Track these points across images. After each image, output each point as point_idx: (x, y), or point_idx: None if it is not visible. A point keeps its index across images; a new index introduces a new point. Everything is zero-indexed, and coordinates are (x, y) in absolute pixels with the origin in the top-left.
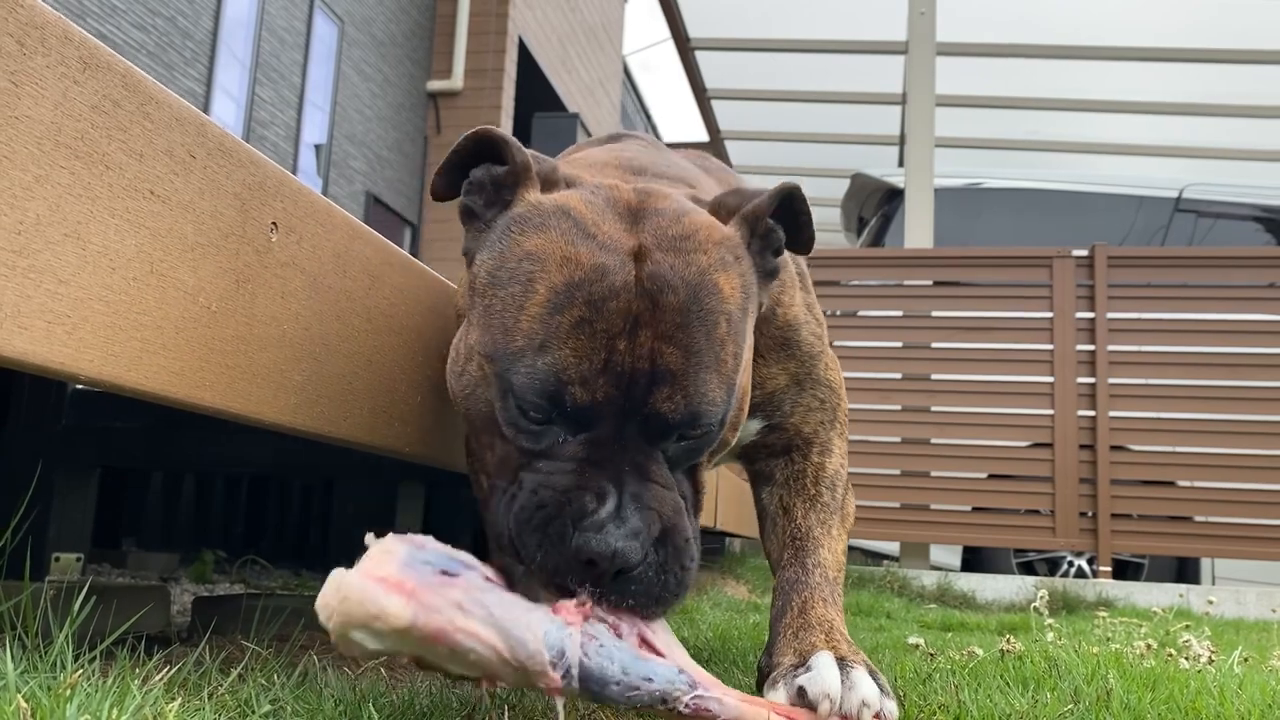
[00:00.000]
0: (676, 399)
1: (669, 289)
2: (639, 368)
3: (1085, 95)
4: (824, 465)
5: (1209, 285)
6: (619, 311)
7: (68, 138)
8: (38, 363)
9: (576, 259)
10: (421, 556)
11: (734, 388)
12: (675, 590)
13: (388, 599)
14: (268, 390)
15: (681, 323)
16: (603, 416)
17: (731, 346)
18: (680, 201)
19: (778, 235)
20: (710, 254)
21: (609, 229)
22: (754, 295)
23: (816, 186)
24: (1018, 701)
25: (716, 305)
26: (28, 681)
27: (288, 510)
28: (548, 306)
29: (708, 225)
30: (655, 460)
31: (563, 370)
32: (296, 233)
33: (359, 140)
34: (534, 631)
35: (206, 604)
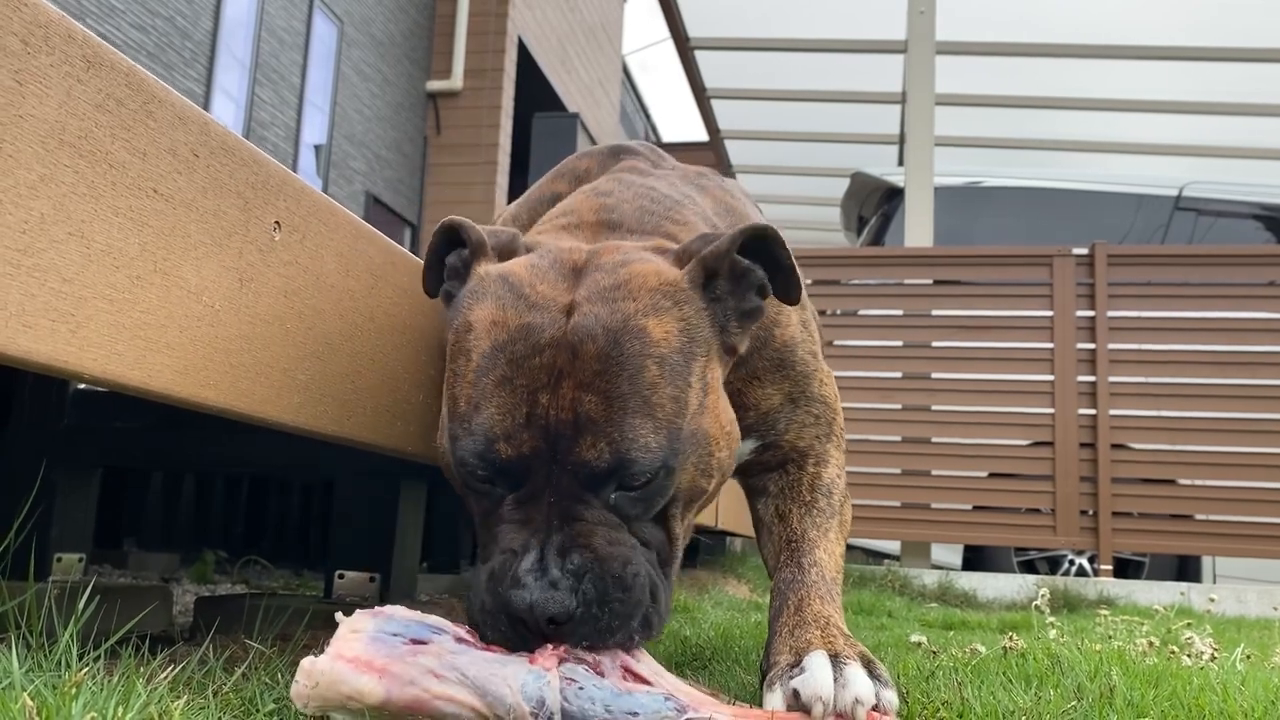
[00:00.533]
0: (600, 446)
1: (589, 338)
2: (562, 418)
3: (1085, 94)
4: (820, 474)
5: (1209, 283)
6: (542, 367)
7: (72, 136)
8: (42, 361)
9: (504, 322)
10: (389, 628)
11: (677, 432)
12: (623, 619)
13: (358, 679)
14: (271, 389)
15: (601, 370)
16: (532, 471)
17: (668, 389)
18: (628, 255)
19: (754, 275)
20: (640, 300)
21: (544, 289)
22: (703, 337)
23: (816, 185)
24: (1021, 698)
25: (641, 349)
26: (33, 680)
27: (288, 510)
28: (478, 370)
29: (645, 273)
30: (590, 506)
31: (490, 429)
32: (299, 232)
33: (359, 140)
34: (511, 685)
35: (209, 604)
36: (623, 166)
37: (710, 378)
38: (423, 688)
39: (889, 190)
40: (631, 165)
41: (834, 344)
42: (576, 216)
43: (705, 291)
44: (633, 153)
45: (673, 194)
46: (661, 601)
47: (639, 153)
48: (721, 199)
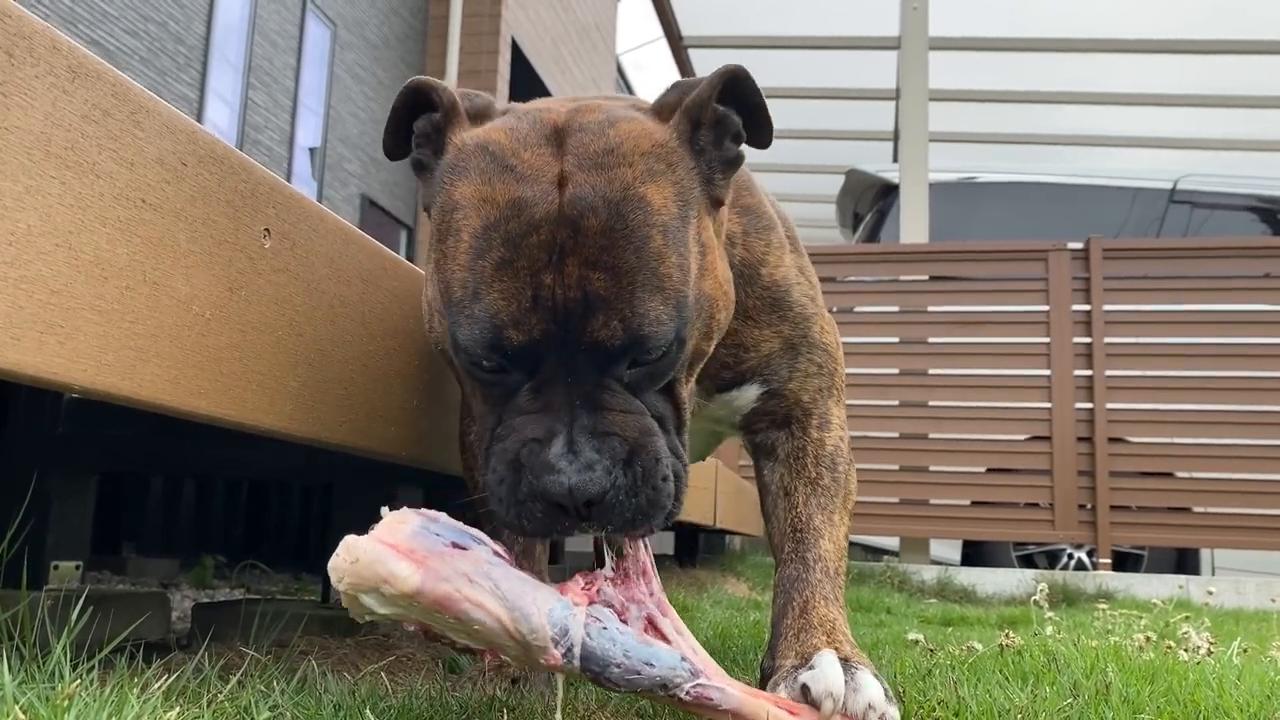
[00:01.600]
0: (613, 325)
1: (591, 212)
2: (570, 298)
3: (1079, 88)
4: (824, 441)
5: (1204, 276)
6: (541, 245)
7: (58, 147)
8: (31, 373)
9: (493, 198)
10: (433, 528)
11: (684, 300)
12: (650, 510)
13: (397, 564)
14: (263, 396)
15: (607, 245)
16: (545, 355)
17: (674, 258)
18: (611, 111)
19: (731, 120)
20: (636, 166)
21: (530, 157)
22: (695, 197)
23: (811, 183)
24: (1017, 696)
25: (645, 219)
26: (25, 692)
27: (287, 514)
28: (472, 253)
29: (636, 134)
30: (609, 389)
31: (494, 315)
32: (289, 238)
33: (353, 143)
34: (539, 607)
35: (206, 610)
36: None
37: (705, 237)
38: (455, 587)
39: (884, 187)
40: None
41: None
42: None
43: (690, 144)
44: None
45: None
46: (682, 492)
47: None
48: None
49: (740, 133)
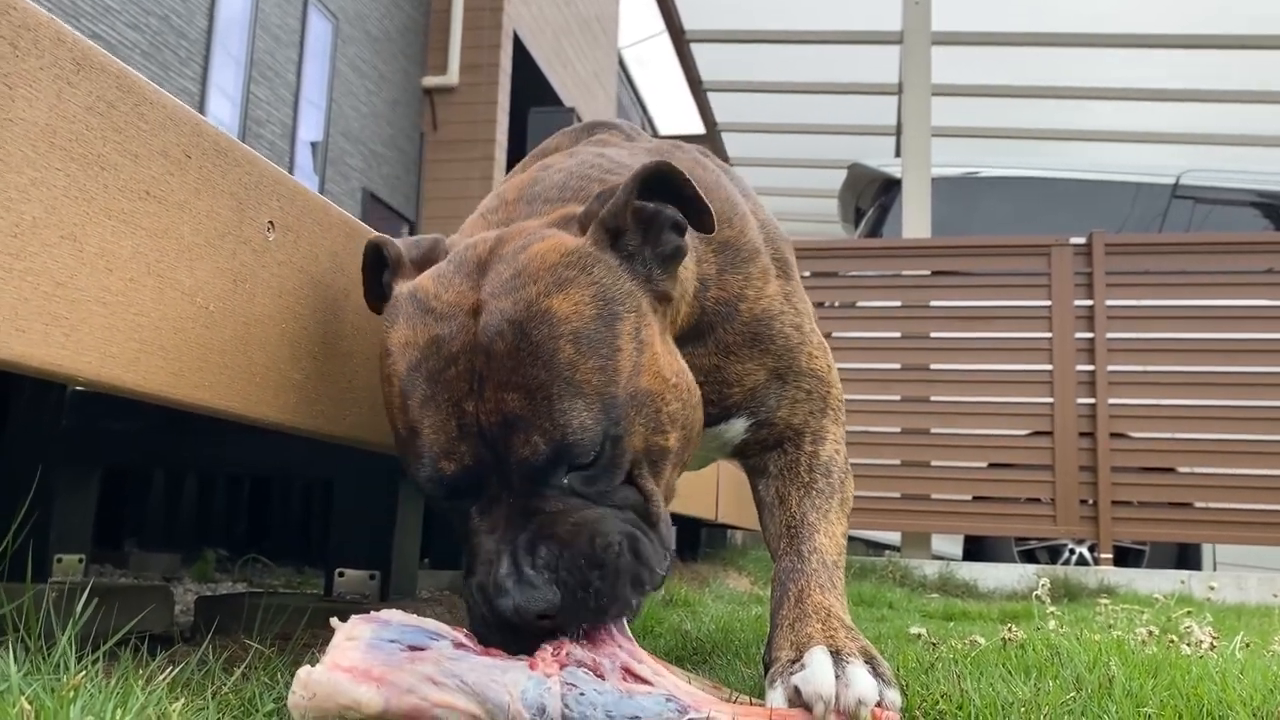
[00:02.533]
0: (534, 440)
1: (498, 336)
2: (492, 422)
3: (1081, 83)
4: (817, 453)
5: (1207, 271)
6: (460, 375)
7: (63, 140)
8: (36, 365)
9: (415, 340)
10: (386, 634)
11: (612, 401)
12: (610, 599)
13: (356, 689)
14: (267, 390)
15: (515, 365)
16: (483, 478)
17: (593, 362)
18: (529, 236)
19: (664, 214)
20: (541, 281)
21: (450, 296)
22: (623, 294)
23: (813, 177)
24: (1020, 690)
25: (550, 331)
26: (31, 683)
27: (289, 508)
28: (402, 395)
29: (544, 251)
30: (545, 498)
31: (428, 449)
32: (293, 231)
33: (355, 137)
34: (511, 692)
35: (209, 603)
36: (592, 141)
37: (644, 334)
38: (421, 696)
39: (886, 181)
40: (601, 139)
41: (832, 336)
42: (500, 198)
43: (616, 249)
44: (608, 127)
45: (624, 160)
46: (650, 557)
47: (616, 127)
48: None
49: (679, 223)
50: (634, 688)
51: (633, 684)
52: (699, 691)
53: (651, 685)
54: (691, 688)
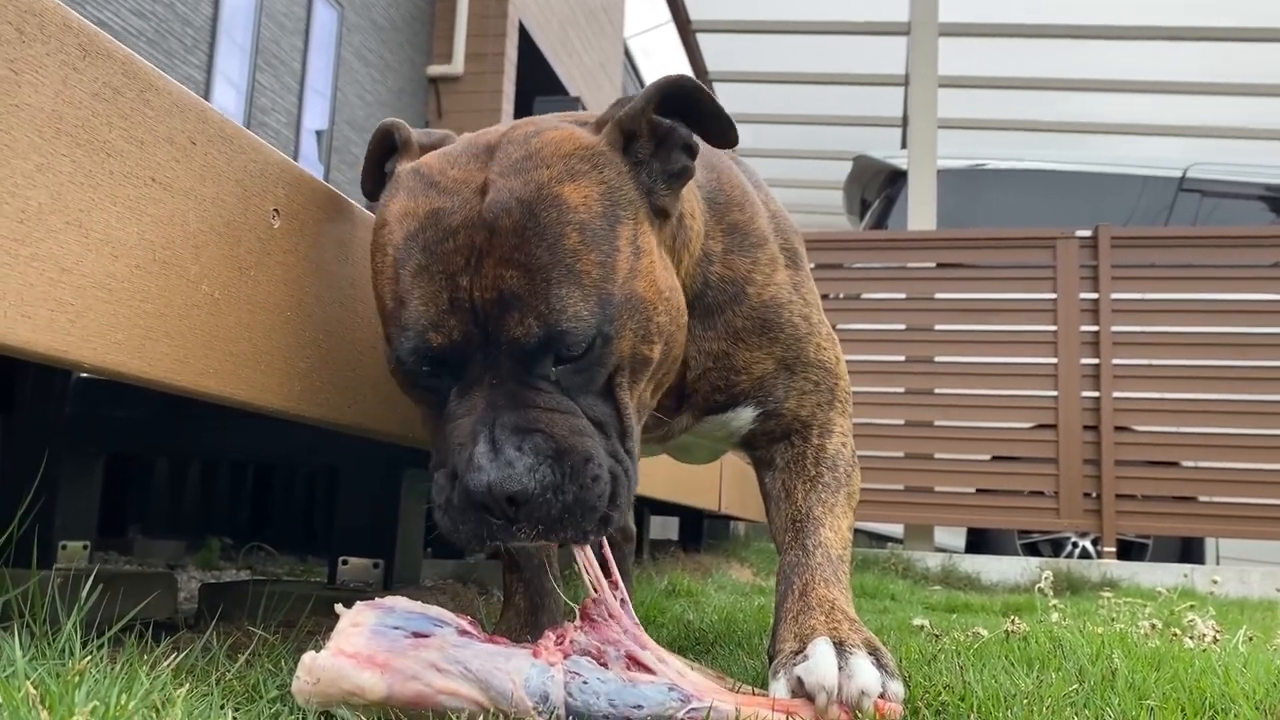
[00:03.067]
0: (529, 321)
1: (505, 213)
2: (486, 298)
3: (1089, 75)
4: (824, 446)
5: (1213, 265)
6: (458, 249)
7: (68, 125)
8: (41, 351)
9: (415, 211)
10: (390, 621)
11: (608, 298)
12: (578, 510)
13: (360, 675)
14: (272, 377)
15: (519, 243)
16: (469, 357)
17: (594, 255)
18: (540, 125)
19: (678, 133)
20: (554, 167)
21: (456, 174)
22: (627, 200)
23: (819, 169)
24: (1023, 682)
25: (558, 216)
26: (36, 668)
27: (293, 496)
28: (395, 264)
29: (559, 139)
30: (536, 388)
31: (416, 320)
32: (299, 219)
33: (360, 126)
34: (515, 679)
35: (213, 590)
36: None
37: (642, 241)
38: (425, 682)
39: (892, 173)
40: None
41: (837, 328)
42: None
43: (626, 154)
44: None
45: None
46: (622, 495)
47: None
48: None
49: (691, 144)
50: (637, 676)
51: (636, 672)
52: (702, 680)
53: (655, 674)
54: (695, 676)
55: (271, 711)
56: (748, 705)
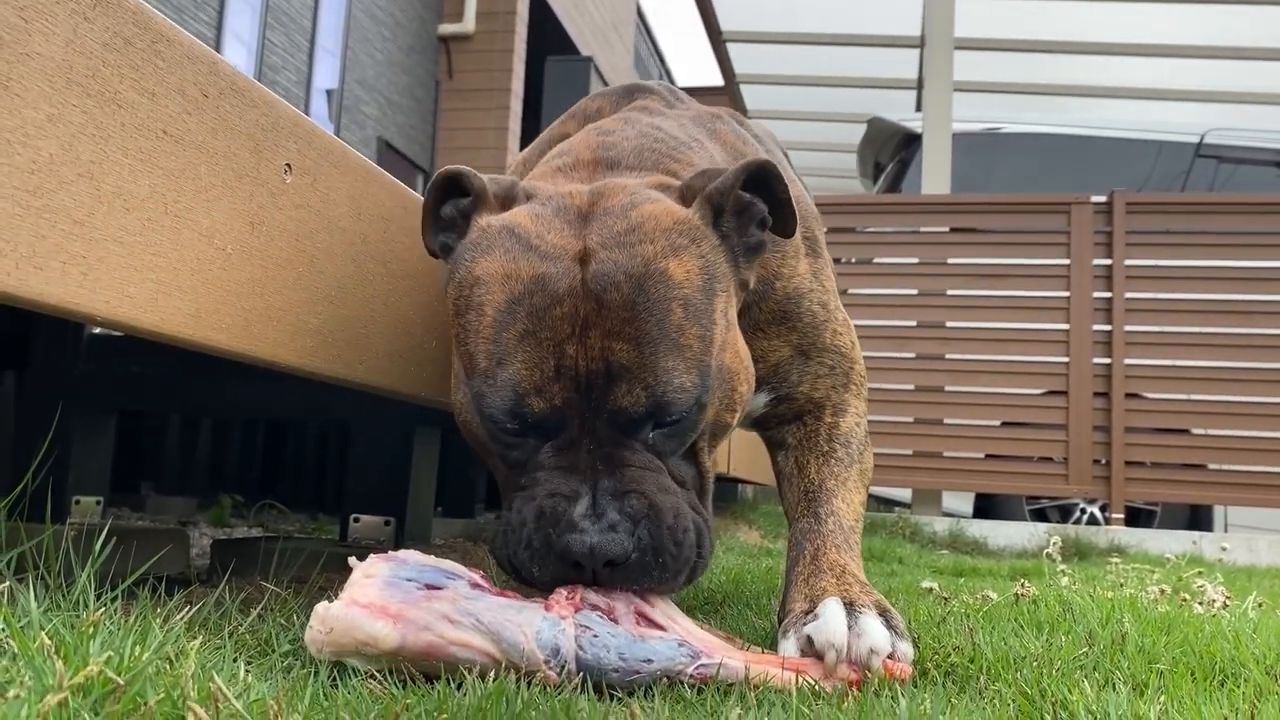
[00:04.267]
0: (636, 392)
1: (613, 286)
2: (593, 369)
3: (1107, 38)
4: (838, 424)
5: (1229, 232)
6: (564, 317)
7: (79, 75)
8: (54, 303)
9: (518, 274)
10: (404, 573)
11: (706, 369)
12: (674, 568)
13: (373, 624)
14: (284, 333)
15: (629, 317)
16: (566, 421)
17: (696, 329)
18: (634, 194)
19: (757, 208)
20: (658, 242)
21: (554, 238)
22: (722, 273)
23: (833, 131)
24: (1032, 644)
25: (666, 292)
26: (51, 619)
27: (304, 455)
28: (496, 325)
29: (658, 214)
30: (631, 449)
31: (518, 383)
32: (310, 175)
33: (370, 85)
34: (526, 632)
35: (225, 546)
36: (634, 106)
37: (731, 315)
38: (437, 633)
39: (906, 136)
40: (644, 105)
41: (848, 292)
42: (573, 156)
43: (716, 228)
44: (648, 92)
45: (680, 135)
46: (706, 546)
47: (654, 92)
48: (733, 144)
49: (766, 220)
50: (647, 632)
51: (646, 629)
52: (712, 638)
53: (665, 630)
54: (705, 634)
55: (284, 665)
56: (757, 663)
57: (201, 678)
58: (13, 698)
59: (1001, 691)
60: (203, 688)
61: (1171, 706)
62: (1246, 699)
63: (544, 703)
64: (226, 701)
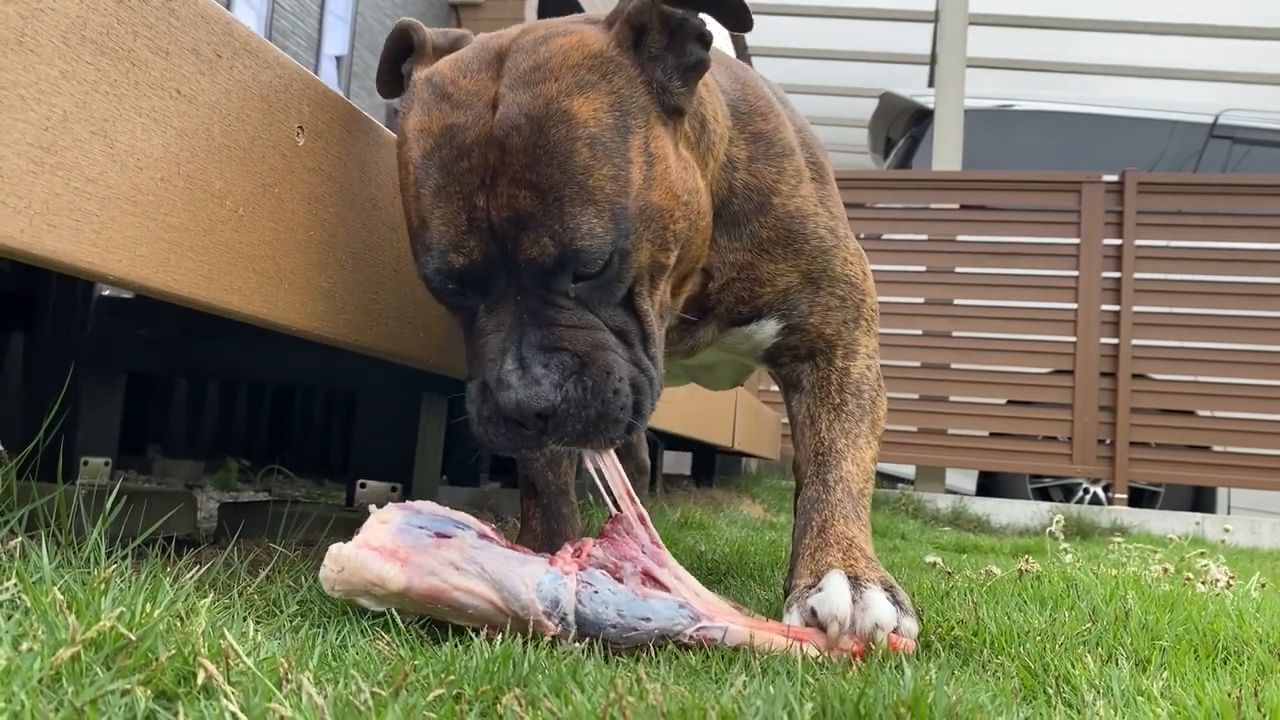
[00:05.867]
0: (544, 242)
1: (515, 131)
2: (503, 218)
3: (1122, 16)
4: (849, 370)
5: (1241, 214)
6: (473, 168)
7: (93, 32)
8: (66, 261)
9: (429, 127)
10: (416, 521)
11: (621, 211)
12: (601, 423)
13: (382, 566)
14: (295, 296)
15: (530, 162)
16: (492, 275)
17: (605, 170)
18: (550, 29)
19: (690, 24)
20: (563, 79)
21: (468, 84)
22: (640, 107)
23: (844, 106)
24: (1036, 619)
25: (568, 133)
26: (62, 575)
27: (311, 420)
28: (417, 183)
29: (567, 47)
30: (557, 304)
31: (437, 241)
32: (323, 137)
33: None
34: (527, 583)
35: (233, 509)
36: None
37: (655, 147)
38: (442, 579)
39: (918, 112)
40: None
41: None
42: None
43: (637, 53)
44: None
45: None
46: (644, 406)
47: None
48: (730, 68)
49: (705, 34)
50: (650, 592)
51: (650, 588)
52: (717, 602)
53: (669, 591)
54: (710, 597)
55: (293, 625)
56: (761, 629)
57: (212, 635)
58: (26, 650)
59: (1005, 665)
60: (213, 645)
61: (1174, 683)
62: (1249, 677)
63: (550, 666)
64: (237, 658)
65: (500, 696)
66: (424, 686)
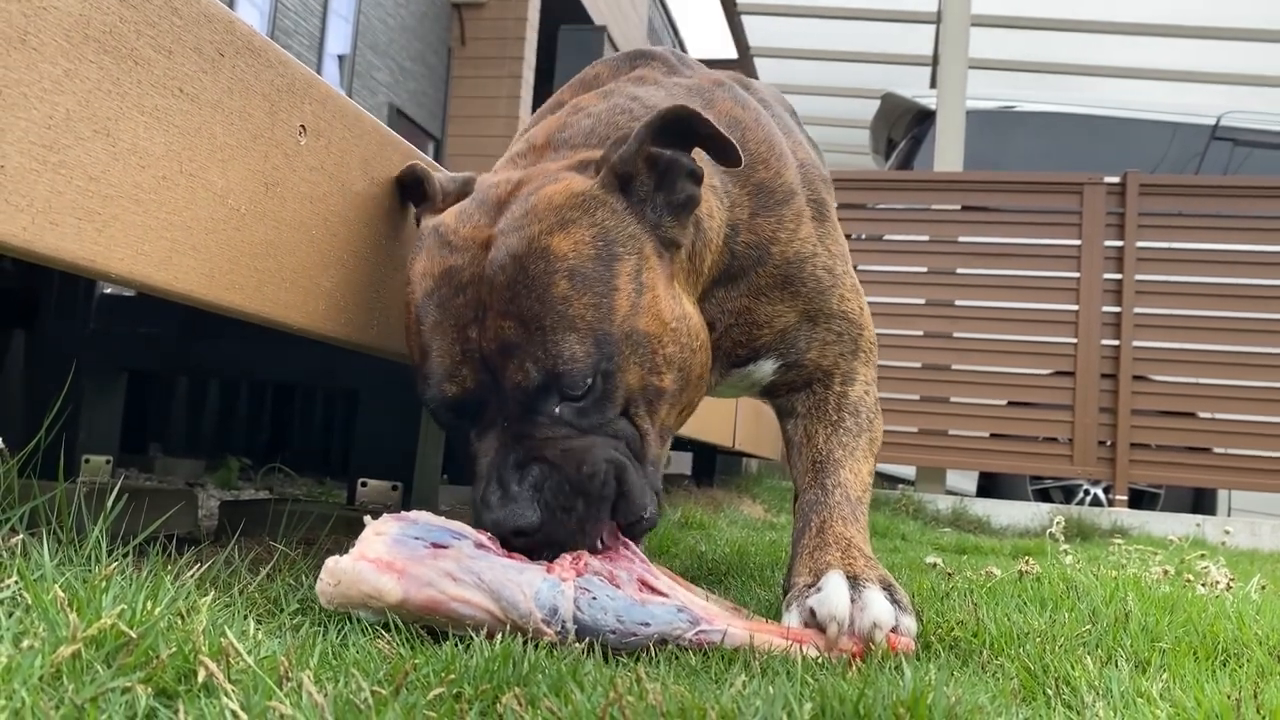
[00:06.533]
0: (526, 366)
1: (500, 269)
2: (491, 349)
3: (1123, 18)
4: (846, 393)
5: (1243, 216)
6: (466, 304)
7: (96, 31)
8: (68, 259)
9: (431, 270)
10: (412, 532)
11: (605, 336)
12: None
13: (378, 579)
14: (296, 295)
15: (512, 296)
16: (483, 402)
17: (585, 298)
18: (546, 177)
19: (679, 163)
20: (544, 220)
21: (467, 231)
22: (626, 237)
23: (846, 106)
24: (1036, 620)
25: (547, 267)
26: (64, 573)
27: (312, 419)
28: (417, 320)
29: (553, 192)
30: (538, 424)
31: (434, 372)
32: (325, 137)
33: (382, 51)
34: (525, 592)
35: (234, 507)
36: (631, 75)
37: (646, 277)
38: (440, 589)
39: (920, 113)
40: (641, 74)
41: (858, 269)
42: (529, 141)
43: (626, 195)
44: (649, 59)
45: (657, 103)
46: (634, 489)
47: (657, 58)
48: (730, 112)
49: (695, 171)
50: (648, 597)
51: (647, 594)
52: (713, 606)
53: (666, 596)
54: (706, 603)
55: (293, 623)
56: (760, 630)
57: (213, 633)
58: (26, 648)
59: (1004, 666)
60: (214, 643)
61: (1174, 684)
62: (1249, 679)
63: (550, 665)
64: (237, 657)
65: (500, 696)
66: (424, 685)
